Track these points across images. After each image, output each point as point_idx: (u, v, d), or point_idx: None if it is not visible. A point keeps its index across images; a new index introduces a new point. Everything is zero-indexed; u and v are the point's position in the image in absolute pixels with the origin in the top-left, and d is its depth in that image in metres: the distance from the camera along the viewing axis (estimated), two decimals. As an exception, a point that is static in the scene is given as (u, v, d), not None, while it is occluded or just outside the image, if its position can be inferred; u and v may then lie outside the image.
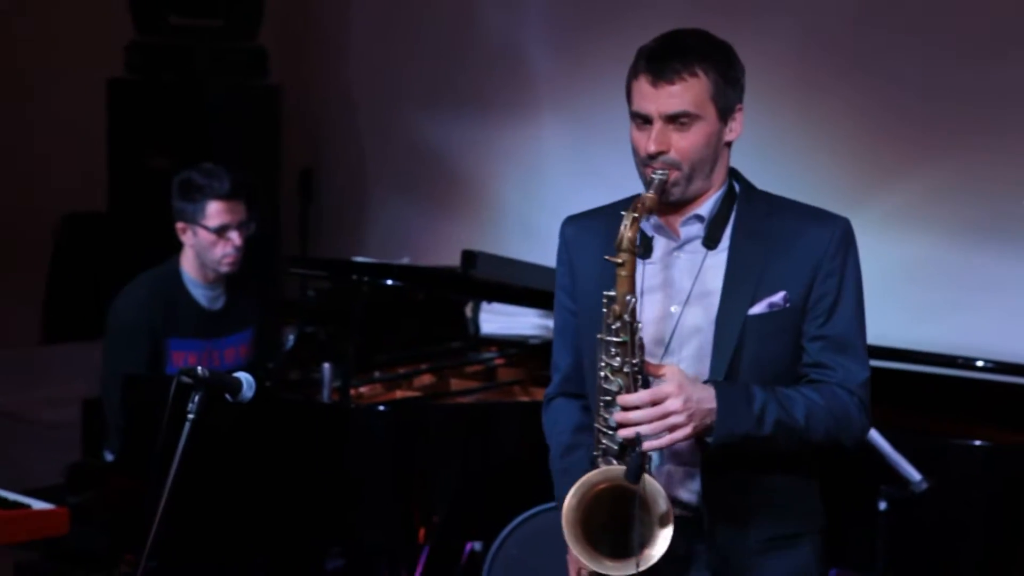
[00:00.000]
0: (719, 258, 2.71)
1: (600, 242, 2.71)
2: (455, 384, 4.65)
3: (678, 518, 2.64)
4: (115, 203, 6.38)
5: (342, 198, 6.75)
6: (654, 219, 2.73)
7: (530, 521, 4.14)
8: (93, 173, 6.42)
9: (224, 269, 4.50)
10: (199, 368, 2.89)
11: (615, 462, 2.60)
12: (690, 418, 2.55)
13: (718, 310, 2.69)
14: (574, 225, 2.85)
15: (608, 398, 2.59)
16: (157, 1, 6.37)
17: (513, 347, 5.06)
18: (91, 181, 6.44)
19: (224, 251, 4.47)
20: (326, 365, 4.24)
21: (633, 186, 2.79)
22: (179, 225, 4.50)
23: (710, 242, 2.72)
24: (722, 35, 2.74)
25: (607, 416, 2.60)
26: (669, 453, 2.71)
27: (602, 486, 2.59)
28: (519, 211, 6.11)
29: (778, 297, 2.67)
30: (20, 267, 6.70)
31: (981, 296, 4.90)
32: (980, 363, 4.42)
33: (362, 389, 4.45)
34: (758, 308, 2.67)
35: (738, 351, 2.67)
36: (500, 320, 5.19)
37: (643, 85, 2.68)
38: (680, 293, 2.71)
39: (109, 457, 4.56)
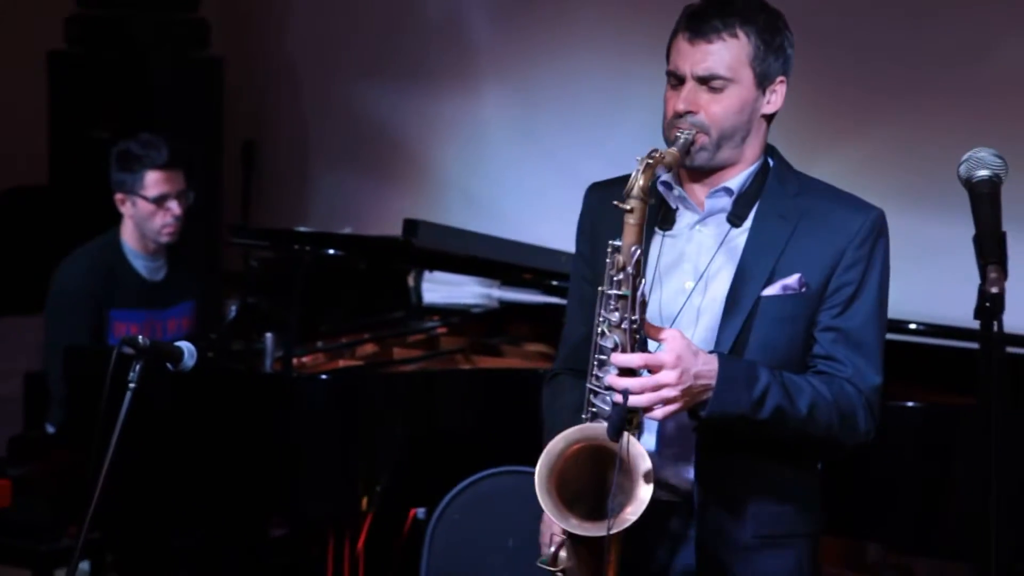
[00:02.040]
0: (742, 237, 2.57)
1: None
2: (398, 353, 4.67)
3: (667, 503, 2.56)
4: (57, 176, 6.36)
5: (284, 169, 6.75)
6: (677, 190, 2.60)
7: (472, 487, 4.17)
8: (35, 147, 6.38)
9: (164, 239, 4.51)
10: (140, 337, 2.88)
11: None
12: (684, 392, 2.42)
13: (730, 287, 2.55)
14: (598, 192, 2.70)
15: (603, 357, 2.45)
16: (97, -26, 6.34)
17: (455, 316, 5.09)
18: (33, 155, 6.40)
19: (163, 221, 4.48)
20: (268, 335, 4.25)
21: (574, 157, 2.78)
22: (118, 196, 4.51)
23: (735, 219, 2.58)
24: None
25: (600, 375, 2.45)
26: (662, 438, 2.59)
27: (580, 445, 2.46)
28: (461, 180, 6.12)
29: (793, 280, 2.54)
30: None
31: (914, 260, 4.95)
32: (913, 326, 4.49)
33: (305, 359, 4.46)
34: (772, 289, 2.53)
35: (745, 331, 2.53)
36: (442, 289, 5.22)
37: (680, 43, 2.55)
38: (697, 269, 2.58)
39: (51, 430, 4.57)
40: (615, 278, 2.43)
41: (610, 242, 2.44)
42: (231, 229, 5.96)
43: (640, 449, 2.43)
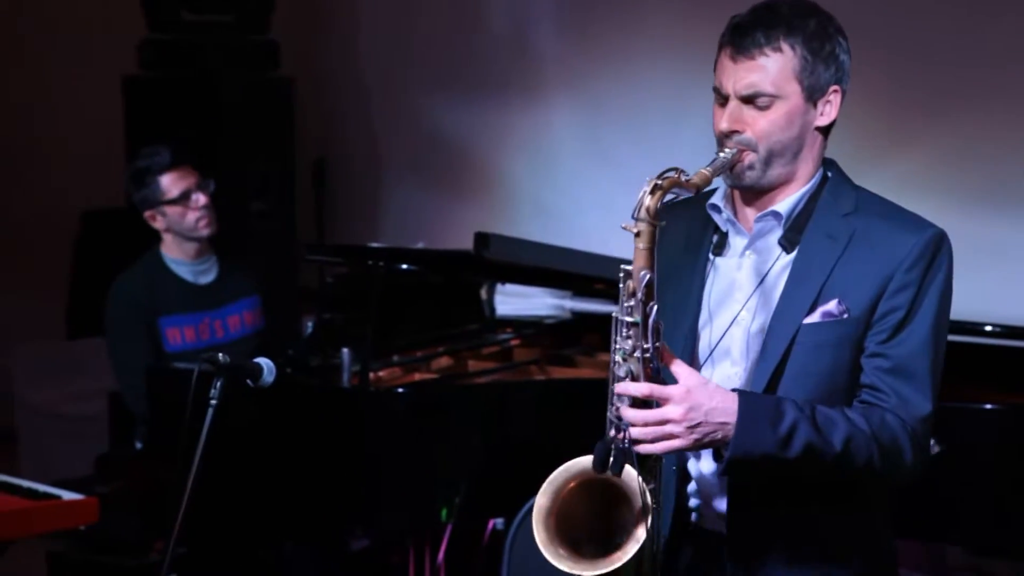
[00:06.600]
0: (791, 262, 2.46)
1: (681, 238, 2.51)
2: (472, 365, 4.70)
3: (711, 533, 2.49)
4: (134, 199, 6.45)
5: (356, 185, 6.81)
6: (726, 213, 2.50)
7: (550, 497, 4.19)
8: (112, 170, 6.49)
9: (203, 232, 4.62)
10: (220, 355, 2.92)
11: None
12: (691, 430, 2.29)
13: (772, 314, 2.43)
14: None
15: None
16: (169, -2, 6.44)
17: (528, 327, 5.11)
18: (110, 177, 6.51)
19: (195, 215, 4.58)
20: (345, 350, 4.29)
21: (642, 167, 2.79)
22: (147, 214, 4.62)
23: (787, 243, 2.46)
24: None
25: (618, 405, 2.35)
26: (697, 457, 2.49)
27: (577, 481, 2.39)
28: (531, 192, 6.15)
29: (832, 306, 2.40)
30: (43, 264, 6.78)
31: (988, 261, 4.91)
32: (988, 328, 4.44)
33: (381, 373, 4.50)
34: (812, 317, 2.41)
35: (784, 360, 2.41)
36: (515, 301, 5.24)
37: (724, 59, 2.44)
38: (746, 297, 2.47)
39: (139, 446, 4.65)
40: (626, 304, 2.32)
41: (622, 266, 2.33)
42: (306, 246, 6.03)
43: (633, 482, 2.33)
